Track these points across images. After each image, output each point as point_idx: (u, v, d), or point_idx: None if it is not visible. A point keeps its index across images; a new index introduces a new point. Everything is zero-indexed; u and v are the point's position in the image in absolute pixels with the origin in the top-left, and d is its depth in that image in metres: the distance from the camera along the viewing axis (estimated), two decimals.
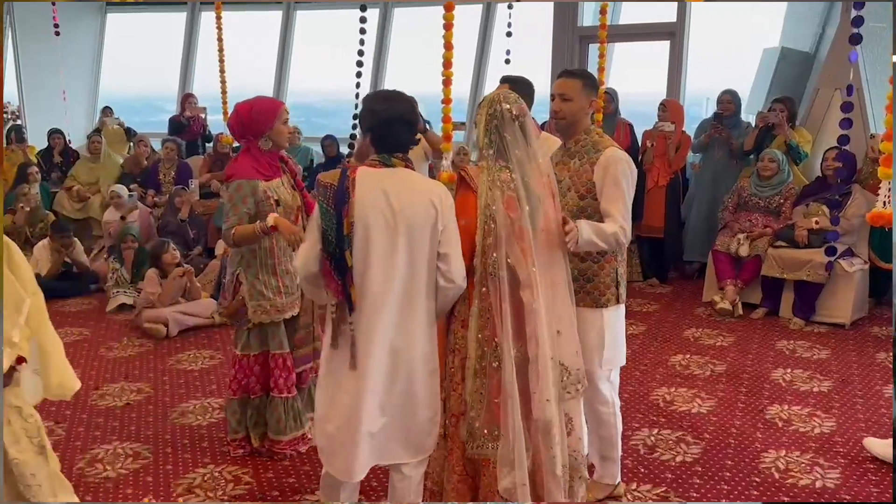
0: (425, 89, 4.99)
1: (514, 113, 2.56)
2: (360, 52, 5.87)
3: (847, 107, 3.55)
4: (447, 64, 4.21)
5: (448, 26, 4.30)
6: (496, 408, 2.52)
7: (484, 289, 2.52)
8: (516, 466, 2.50)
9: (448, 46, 4.30)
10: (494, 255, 2.50)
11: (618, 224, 2.78)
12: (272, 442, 3.52)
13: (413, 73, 8.69)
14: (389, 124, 2.47)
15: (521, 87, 3.36)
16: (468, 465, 2.64)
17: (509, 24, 6.75)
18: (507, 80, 3.62)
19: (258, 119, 3.29)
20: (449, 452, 2.66)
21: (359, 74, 5.89)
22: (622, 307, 3.02)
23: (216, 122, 8.51)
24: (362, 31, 5.74)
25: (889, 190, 2.99)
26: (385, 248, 2.41)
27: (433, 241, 2.45)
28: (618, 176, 2.82)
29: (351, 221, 2.38)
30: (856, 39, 3.48)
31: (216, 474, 3.43)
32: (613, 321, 2.98)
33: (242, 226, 3.24)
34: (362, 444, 2.46)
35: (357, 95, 6.01)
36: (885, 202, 3.01)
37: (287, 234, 3.20)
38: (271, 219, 3.19)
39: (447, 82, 4.20)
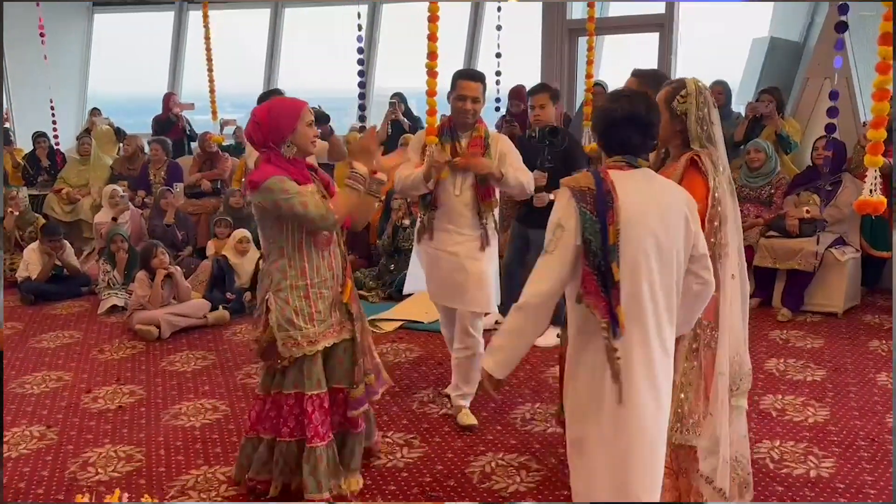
0: (414, 84, 4.96)
1: (713, 101, 2.61)
2: (360, 50, 5.87)
3: (833, 95, 3.55)
4: (432, 56, 4.21)
5: (433, 18, 4.29)
6: (707, 388, 2.52)
7: None
8: (721, 445, 2.53)
9: (433, 38, 4.29)
10: (719, 235, 2.49)
11: None
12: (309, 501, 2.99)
13: (402, 69, 8.67)
14: (623, 125, 2.24)
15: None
16: (673, 459, 2.60)
17: (499, 16, 6.76)
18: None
19: (279, 123, 2.85)
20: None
21: (361, 73, 5.88)
22: None
23: (205, 122, 8.48)
24: (360, 27, 5.76)
25: (876, 177, 2.99)
26: (649, 257, 2.16)
27: (687, 245, 2.25)
28: None
29: (617, 229, 2.12)
30: (841, 28, 3.47)
31: (209, 475, 3.41)
32: None
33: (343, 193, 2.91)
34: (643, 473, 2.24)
35: (361, 95, 6.01)
36: (871, 189, 3.01)
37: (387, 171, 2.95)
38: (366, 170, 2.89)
39: (432, 73, 4.20)
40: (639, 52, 8.21)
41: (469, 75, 3.73)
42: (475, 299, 3.74)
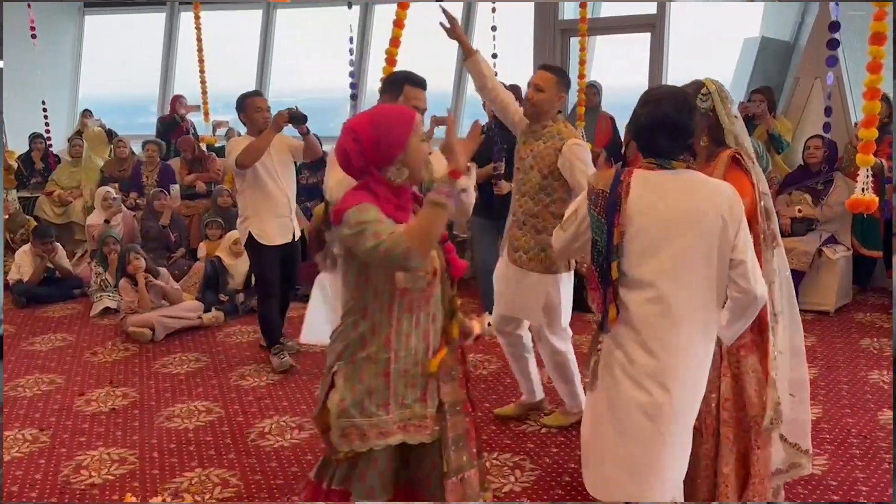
0: None
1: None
2: (351, 51, 5.90)
3: (828, 95, 3.58)
4: (391, 61, 4.36)
5: (399, 23, 4.39)
6: (765, 371, 2.55)
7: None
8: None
9: (395, 43, 4.41)
10: (769, 229, 2.54)
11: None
12: None
13: (397, 67, 8.64)
14: (649, 130, 2.25)
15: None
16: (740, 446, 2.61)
17: (493, 17, 6.77)
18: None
19: (387, 139, 2.08)
20: (722, 440, 2.57)
21: (352, 74, 5.92)
22: (571, 273, 3.54)
23: (198, 124, 8.47)
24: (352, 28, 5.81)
25: (867, 176, 3.01)
26: (659, 259, 2.17)
27: (722, 250, 2.18)
28: (575, 160, 3.31)
29: (622, 231, 2.16)
30: (835, 27, 3.49)
31: (203, 478, 3.41)
32: (566, 285, 3.50)
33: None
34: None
35: (353, 97, 6.01)
36: (863, 188, 3.03)
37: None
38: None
39: (391, 62, 4.31)
40: (630, 52, 8.22)
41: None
42: None
